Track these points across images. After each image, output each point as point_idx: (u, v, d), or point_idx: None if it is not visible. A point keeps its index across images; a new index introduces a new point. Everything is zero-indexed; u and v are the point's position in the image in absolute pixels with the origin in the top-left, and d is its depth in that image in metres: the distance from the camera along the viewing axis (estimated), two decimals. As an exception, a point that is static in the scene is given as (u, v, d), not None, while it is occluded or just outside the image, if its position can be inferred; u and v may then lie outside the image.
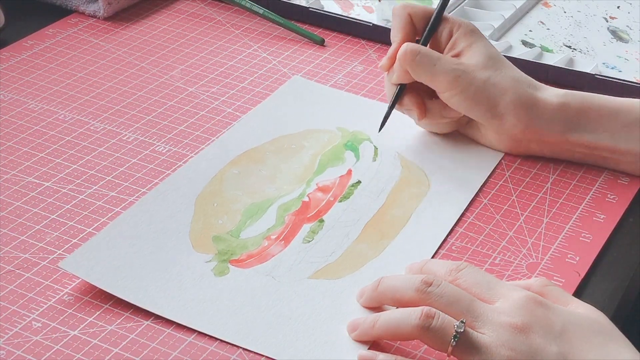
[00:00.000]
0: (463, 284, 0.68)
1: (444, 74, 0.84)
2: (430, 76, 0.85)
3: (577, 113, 0.84)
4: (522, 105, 0.84)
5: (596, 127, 0.84)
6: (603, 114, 0.84)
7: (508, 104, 0.84)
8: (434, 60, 0.84)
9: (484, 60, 0.85)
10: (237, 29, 1.08)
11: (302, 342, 0.69)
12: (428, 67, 0.84)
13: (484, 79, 0.84)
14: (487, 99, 0.84)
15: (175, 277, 0.73)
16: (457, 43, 0.86)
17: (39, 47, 1.02)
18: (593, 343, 0.64)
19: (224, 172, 0.85)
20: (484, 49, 0.86)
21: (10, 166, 0.85)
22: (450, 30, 0.87)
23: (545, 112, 0.84)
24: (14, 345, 0.68)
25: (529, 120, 0.85)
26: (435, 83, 0.85)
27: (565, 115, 0.85)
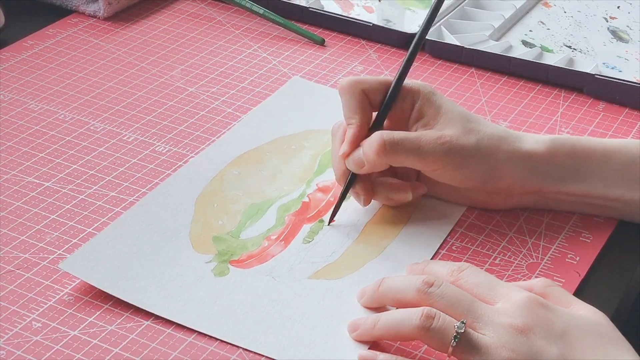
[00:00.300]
0: (464, 285, 0.68)
1: (433, 154, 0.77)
2: (418, 161, 0.78)
3: (567, 160, 0.79)
4: (516, 160, 0.79)
5: (588, 175, 0.80)
6: (593, 159, 0.79)
7: (502, 165, 0.79)
8: (416, 143, 0.77)
9: (462, 125, 0.78)
10: (237, 29, 1.08)
11: (302, 342, 0.69)
12: (414, 153, 0.77)
13: (472, 145, 0.78)
14: (481, 165, 0.78)
15: (175, 278, 0.73)
16: (424, 111, 0.79)
17: (39, 47, 1.02)
18: (593, 345, 0.64)
19: (224, 172, 0.85)
20: (455, 112, 0.79)
21: (10, 166, 0.85)
22: (411, 99, 0.79)
23: (537, 163, 0.79)
24: (14, 345, 0.68)
25: (524, 174, 0.79)
26: (424, 165, 0.78)
27: (556, 163, 0.79)
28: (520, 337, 0.64)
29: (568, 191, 0.80)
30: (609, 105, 0.97)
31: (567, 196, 0.81)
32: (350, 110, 0.79)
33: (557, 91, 0.99)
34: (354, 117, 0.79)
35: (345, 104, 0.79)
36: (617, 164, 0.80)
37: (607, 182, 0.80)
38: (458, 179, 0.79)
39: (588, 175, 0.80)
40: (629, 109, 0.96)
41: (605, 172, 0.80)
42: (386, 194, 0.80)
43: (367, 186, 0.80)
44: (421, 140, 0.77)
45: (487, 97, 0.97)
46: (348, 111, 0.79)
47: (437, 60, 1.03)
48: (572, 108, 0.96)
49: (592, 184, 0.80)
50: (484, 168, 0.78)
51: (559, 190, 0.80)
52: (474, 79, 1.00)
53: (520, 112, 0.95)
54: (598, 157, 0.80)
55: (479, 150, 0.78)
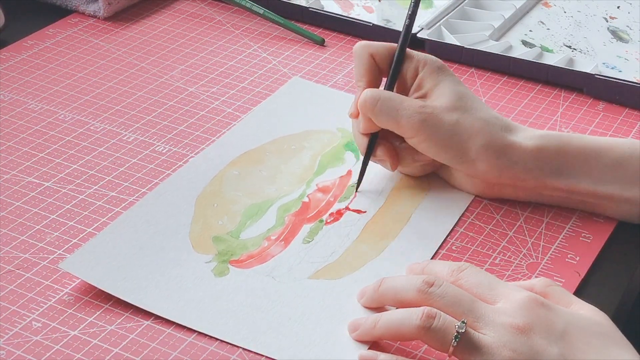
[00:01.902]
0: (464, 285, 0.68)
1: (408, 119, 0.78)
2: (394, 123, 0.79)
3: (554, 156, 0.79)
4: (495, 150, 0.79)
5: (575, 171, 0.79)
6: (582, 157, 0.79)
7: (479, 149, 0.78)
8: (396, 105, 0.79)
9: (452, 101, 0.79)
10: (237, 29, 1.08)
11: (302, 342, 0.69)
12: (391, 114, 0.79)
13: (452, 122, 0.79)
14: (457, 144, 0.79)
15: (175, 278, 0.73)
16: (423, 83, 0.81)
17: (39, 47, 1.02)
18: (594, 345, 0.64)
19: (224, 172, 0.85)
20: (451, 88, 0.80)
21: (10, 166, 0.85)
22: (415, 68, 0.81)
23: (521, 156, 0.79)
24: (14, 345, 0.68)
25: (502, 165, 0.79)
26: (400, 129, 0.80)
27: (542, 159, 0.79)
28: (521, 336, 0.64)
29: (553, 186, 0.80)
30: (609, 105, 0.97)
31: (553, 191, 0.81)
32: (358, 73, 0.82)
33: (557, 91, 0.99)
34: (361, 79, 0.82)
35: (356, 67, 0.82)
36: (608, 161, 0.79)
37: (596, 179, 0.79)
38: (431, 151, 0.80)
39: (575, 172, 0.79)
40: (629, 109, 0.96)
41: (595, 170, 0.79)
42: (411, 156, 0.82)
43: (391, 151, 0.82)
44: (402, 104, 0.79)
45: (487, 97, 0.97)
46: (357, 74, 0.82)
47: (437, 60, 1.03)
48: (572, 108, 0.96)
49: (580, 180, 0.79)
50: (458, 148, 0.79)
51: (543, 185, 0.80)
52: (474, 79, 1.00)
53: (520, 112, 0.95)
54: (588, 154, 0.79)
55: (456, 128, 0.79)
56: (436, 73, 0.81)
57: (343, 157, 0.87)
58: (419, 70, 0.81)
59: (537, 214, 0.82)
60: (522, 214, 0.82)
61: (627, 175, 0.79)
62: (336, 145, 0.89)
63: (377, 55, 0.82)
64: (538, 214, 0.82)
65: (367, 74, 0.82)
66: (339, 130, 0.91)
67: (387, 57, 0.82)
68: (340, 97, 0.96)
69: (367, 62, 0.82)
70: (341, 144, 0.89)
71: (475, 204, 0.83)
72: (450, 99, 0.79)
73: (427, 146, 0.80)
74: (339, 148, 0.89)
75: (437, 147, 0.79)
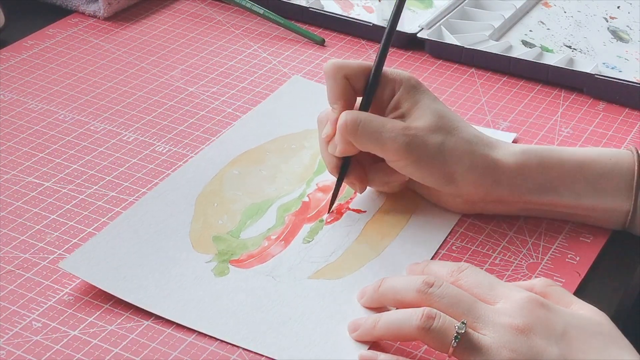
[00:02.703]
0: (464, 285, 0.68)
1: (393, 142, 0.76)
2: (377, 146, 0.77)
3: (537, 172, 0.78)
4: (480, 170, 0.77)
5: (558, 186, 0.78)
6: (564, 171, 0.78)
7: (465, 171, 0.77)
8: (378, 128, 0.76)
9: (434, 121, 0.77)
10: (237, 29, 1.08)
11: (302, 342, 0.69)
12: (374, 137, 0.76)
13: (437, 143, 0.76)
14: (443, 167, 0.77)
15: (175, 278, 0.73)
16: (401, 102, 0.78)
17: (39, 47, 1.02)
18: (594, 345, 0.64)
19: (224, 172, 0.85)
20: (431, 108, 0.78)
21: (10, 166, 0.85)
22: (391, 88, 0.78)
23: (504, 174, 0.77)
24: (14, 345, 0.68)
25: (488, 185, 0.78)
26: (384, 152, 0.77)
27: (524, 176, 0.78)
28: (521, 337, 0.64)
29: (536, 201, 0.79)
30: (609, 105, 0.97)
31: (536, 205, 0.80)
32: (333, 96, 0.79)
33: (557, 91, 0.99)
34: (336, 102, 0.78)
35: (329, 88, 0.79)
36: (590, 175, 0.78)
37: (579, 193, 0.78)
38: (416, 175, 0.78)
39: (558, 187, 0.78)
40: (629, 109, 0.96)
41: (577, 183, 0.78)
42: (381, 179, 0.80)
43: (360, 174, 0.80)
44: (385, 126, 0.76)
45: (487, 97, 0.97)
46: (331, 96, 0.79)
47: (437, 60, 1.03)
48: (572, 108, 0.96)
49: (563, 194, 0.78)
50: (445, 170, 0.77)
51: (526, 200, 0.79)
52: (474, 79, 1.00)
53: (520, 112, 0.95)
54: (570, 168, 0.78)
55: (442, 151, 0.77)
56: (413, 92, 0.78)
57: (343, 157, 0.87)
58: (395, 89, 0.78)
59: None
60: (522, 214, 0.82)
61: (610, 187, 0.78)
62: (336, 145, 0.89)
63: (351, 76, 0.78)
64: (538, 214, 0.82)
65: (342, 96, 0.78)
66: (339, 130, 0.91)
67: (361, 77, 0.78)
68: None
69: (341, 84, 0.78)
70: (341, 144, 0.89)
71: (475, 204, 0.83)
72: (432, 120, 0.77)
73: (412, 169, 0.77)
74: (339, 148, 0.88)
75: (422, 170, 0.77)
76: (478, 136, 0.79)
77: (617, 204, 0.78)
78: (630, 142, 0.91)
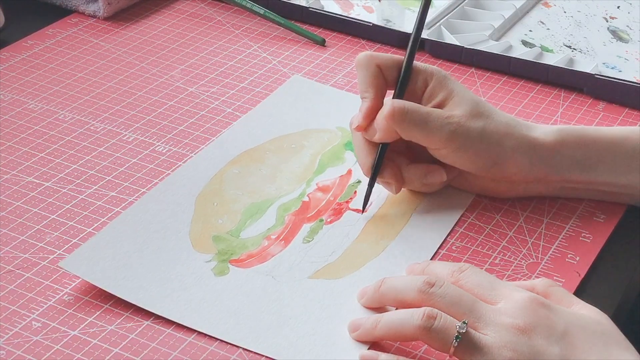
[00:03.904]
0: (465, 285, 0.68)
1: (438, 131, 0.78)
2: (423, 135, 0.78)
3: (574, 150, 0.80)
4: (522, 149, 0.79)
5: (595, 163, 0.80)
6: (601, 148, 0.80)
7: (508, 151, 0.79)
8: (424, 117, 0.78)
9: (472, 108, 0.79)
10: (237, 29, 1.08)
11: (302, 342, 0.69)
12: (420, 126, 0.78)
13: (479, 129, 0.79)
14: (486, 150, 0.79)
15: (175, 277, 0.73)
16: (435, 93, 0.80)
17: (39, 47, 1.02)
18: (595, 345, 0.64)
19: (224, 171, 0.85)
20: (466, 96, 0.80)
21: (10, 166, 0.85)
22: (424, 79, 0.81)
23: (544, 152, 0.80)
24: (14, 345, 0.68)
25: (528, 165, 0.80)
26: (428, 141, 0.79)
27: (563, 153, 0.80)
28: (522, 337, 0.64)
29: (575, 179, 0.81)
30: (609, 105, 0.97)
31: (574, 184, 0.82)
32: (364, 84, 0.80)
33: (557, 91, 0.99)
34: (367, 90, 0.80)
35: (360, 78, 0.80)
36: (624, 151, 0.80)
37: (614, 169, 0.80)
38: (461, 161, 0.80)
39: (595, 164, 0.80)
40: (629, 109, 0.96)
41: (613, 160, 0.80)
42: (419, 179, 0.81)
43: (396, 173, 0.81)
44: (430, 115, 0.78)
45: (487, 97, 0.97)
46: (362, 85, 0.80)
47: (437, 60, 1.03)
48: (572, 108, 0.96)
49: (600, 172, 0.80)
50: (489, 154, 0.79)
51: (566, 179, 0.81)
52: (474, 79, 1.00)
53: (520, 112, 0.95)
54: (605, 145, 0.80)
55: (484, 135, 0.79)
56: (446, 82, 0.80)
57: (343, 156, 0.87)
58: (428, 80, 0.81)
59: (537, 213, 0.82)
60: (522, 214, 0.82)
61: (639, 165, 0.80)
62: (336, 145, 0.89)
63: (384, 66, 0.80)
64: (538, 213, 0.82)
65: (375, 85, 0.80)
66: (339, 129, 0.91)
67: (392, 68, 0.81)
68: (341, 96, 0.96)
69: (374, 73, 0.80)
70: (341, 143, 0.89)
71: (475, 204, 0.83)
72: (470, 106, 0.79)
73: (456, 156, 0.79)
74: (339, 147, 0.89)
75: (468, 156, 0.79)
76: (514, 119, 0.81)
77: None
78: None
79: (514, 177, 0.81)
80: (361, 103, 0.80)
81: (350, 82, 0.98)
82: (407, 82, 0.81)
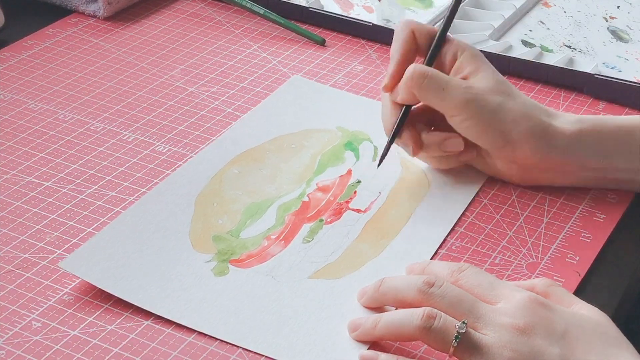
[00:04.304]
0: (465, 285, 0.68)
1: (454, 98, 0.80)
2: (439, 100, 0.81)
3: (592, 138, 0.81)
4: (538, 134, 0.80)
5: (612, 151, 0.82)
6: (617, 136, 0.82)
7: (521, 133, 0.80)
8: (442, 83, 0.80)
9: (495, 85, 0.81)
10: (237, 29, 1.08)
11: (302, 342, 0.69)
12: (437, 91, 0.80)
13: (496, 104, 0.80)
14: (500, 126, 0.80)
15: (175, 277, 0.73)
16: (463, 66, 0.82)
17: (39, 47, 1.02)
18: (595, 345, 0.64)
19: (223, 171, 0.85)
20: (492, 74, 0.82)
21: (10, 166, 0.85)
22: (454, 52, 0.83)
23: (562, 141, 0.81)
24: (14, 345, 0.68)
25: (545, 150, 0.81)
26: (444, 107, 0.81)
27: (581, 142, 0.81)
28: (522, 337, 0.64)
29: (592, 166, 0.82)
30: (609, 105, 0.97)
31: (590, 172, 0.82)
32: (396, 45, 0.83)
33: (557, 91, 0.99)
34: (397, 52, 0.83)
35: (395, 40, 0.83)
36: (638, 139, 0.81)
37: (630, 156, 0.81)
38: (473, 132, 0.81)
39: (612, 152, 0.81)
40: (629, 109, 0.96)
41: (629, 147, 0.81)
42: (437, 144, 0.83)
43: (415, 136, 0.82)
44: (449, 82, 0.80)
45: (487, 97, 0.97)
46: (394, 46, 0.83)
47: (437, 60, 1.03)
48: (572, 108, 0.96)
49: (616, 158, 0.82)
50: (501, 130, 0.80)
51: (583, 167, 0.82)
52: (474, 79, 1.00)
53: (520, 112, 0.95)
54: (622, 133, 0.81)
55: (500, 111, 0.80)
56: (476, 58, 0.82)
57: (343, 156, 0.87)
58: (458, 54, 0.83)
59: (537, 213, 0.82)
60: (522, 214, 0.82)
61: None
62: (336, 145, 0.89)
63: (418, 33, 0.83)
64: (538, 213, 0.82)
65: (404, 48, 0.83)
66: (338, 130, 0.91)
67: (427, 36, 0.83)
68: (340, 96, 0.96)
69: (407, 37, 0.83)
70: (341, 143, 0.89)
71: (475, 204, 0.83)
72: (493, 83, 0.81)
73: (469, 126, 0.81)
74: (338, 147, 0.89)
75: (479, 127, 0.80)
76: (536, 104, 0.82)
77: None
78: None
79: (527, 160, 0.81)
80: (389, 64, 0.83)
81: (350, 82, 0.98)
82: (437, 52, 0.83)
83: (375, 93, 0.97)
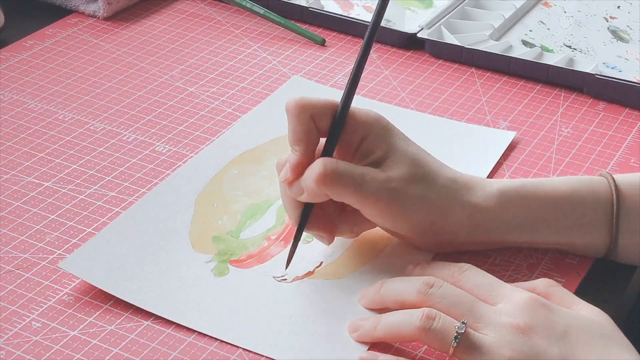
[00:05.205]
0: (465, 286, 0.68)
1: (372, 194, 0.71)
2: (355, 198, 0.71)
3: (515, 213, 0.75)
4: (464, 217, 0.73)
5: (536, 224, 0.75)
6: (543, 209, 0.75)
7: (445, 222, 0.73)
8: (358, 179, 0.71)
9: (413, 170, 0.72)
10: (237, 29, 1.08)
11: (302, 342, 0.69)
12: (354, 190, 0.70)
13: (418, 196, 0.72)
14: (422, 217, 0.73)
15: (175, 278, 0.73)
16: (374, 148, 0.72)
17: (39, 47, 1.02)
18: (595, 346, 0.64)
19: (224, 172, 0.85)
20: (407, 154, 0.73)
21: (10, 166, 0.85)
22: (361, 131, 0.72)
23: (483, 218, 0.74)
24: (14, 345, 0.68)
25: (466, 231, 0.74)
26: (360, 203, 0.72)
27: (503, 218, 0.74)
28: (522, 337, 0.64)
29: (514, 241, 0.77)
30: (609, 105, 0.97)
31: (512, 244, 0.77)
32: (295, 137, 0.72)
33: (557, 91, 0.99)
34: (299, 143, 0.72)
35: (291, 128, 0.72)
36: (568, 210, 0.75)
37: (557, 230, 0.75)
38: (392, 226, 0.74)
39: (537, 225, 0.75)
40: (629, 109, 0.96)
41: (555, 221, 0.75)
42: (350, 228, 0.76)
43: (329, 224, 0.75)
44: (365, 177, 0.71)
45: (487, 97, 0.97)
46: (293, 137, 0.72)
47: (437, 60, 1.03)
48: (572, 108, 0.96)
49: (542, 233, 0.76)
50: (424, 222, 0.73)
51: (506, 240, 0.76)
52: (474, 79, 1.00)
53: (520, 112, 0.95)
54: (548, 206, 0.75)
55: (422, 203, 0.72)
56: (386, 135, 0.73)
57: (343, 157, 0.87)
58: (366, 133, 0.73)
59: (537, 214, 0.82)
60: (522, 214, 0.82)
61: (585, 222, 0.75)
62: (336, 145, 0.89)
63: (317, 116, 0.72)
64: (538, 214, 0.82)
65: (306, 138, 0.72)
66: (339, 130, 0.91)
67: (327, 115, 0.72)
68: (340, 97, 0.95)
69: (305, 125, 0.71)
70: (341, 144, 0.89)
71: (475, 204, 0.83)
72: (410, 168, 0.72)
73: (389, 221, 0.73)
74: (339, 148, 0.88)
75: (404, 224, 0.73)
76: (456, 180, 0.74)
77: (595, 238, 0.76)
78: (630, 142, 0.91)
79: (451, 240, 0.75)
80: (290, 155, 0.72)
81: (350, 82, 0.98)
82: (337, 139, 0.73)
83: (376, 93, 0.97)
